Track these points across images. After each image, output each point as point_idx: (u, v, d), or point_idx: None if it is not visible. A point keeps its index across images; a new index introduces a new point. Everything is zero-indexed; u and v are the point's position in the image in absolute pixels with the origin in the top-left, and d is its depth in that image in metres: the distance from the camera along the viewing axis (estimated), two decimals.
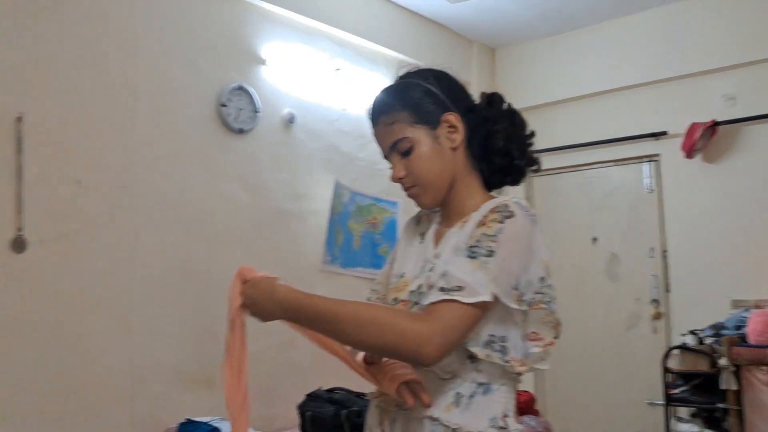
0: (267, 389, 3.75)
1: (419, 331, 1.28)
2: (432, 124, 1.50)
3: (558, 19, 5.37)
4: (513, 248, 1.34)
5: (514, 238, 1.35)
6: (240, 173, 3.82)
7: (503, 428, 1.39)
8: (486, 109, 1.56)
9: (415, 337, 1.27)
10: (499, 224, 1.35)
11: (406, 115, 1.50)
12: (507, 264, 1.33)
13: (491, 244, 1.33)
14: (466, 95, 1.58)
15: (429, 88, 1.52)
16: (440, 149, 1.50)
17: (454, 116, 1.50)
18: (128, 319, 3.23)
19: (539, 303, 1.37)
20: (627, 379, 5.27)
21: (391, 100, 1.53)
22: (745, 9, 4.82)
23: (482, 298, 1.29)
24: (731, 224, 4.87)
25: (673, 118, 5.08)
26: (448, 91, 1.53)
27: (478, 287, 1.30)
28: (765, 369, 3.98)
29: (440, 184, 1.51)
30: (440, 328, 1.28)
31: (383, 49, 4.80)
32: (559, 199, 5.71)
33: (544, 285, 1.38)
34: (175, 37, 3.56)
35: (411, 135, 1.49)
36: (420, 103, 1.50)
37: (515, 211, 1.37)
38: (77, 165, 3.10)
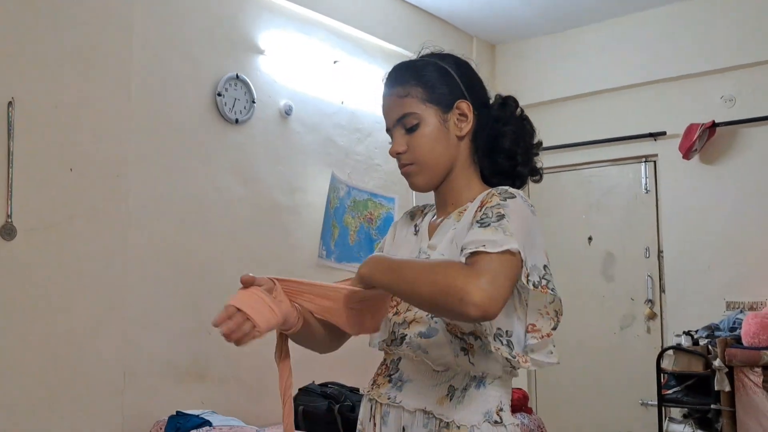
0: (257, 384, 3.72)
1: (459, 275, 1.20)
2: (444, 107, 1.47)
3: (559, 17, 5.35)
4: (519, 224, 1.30)
5: (520, 216, 1.31)
6: (235, 164, 3.78)
7: (498, 422, 1.36)
8: (499, 109, 1.54)
9: (457, 283, 1.19)
10: (501, 200, 1.33)
11: (420, 92, 1.47)
12: (521, 233, 1.28)
13: (500, 211, 1.30)
14: (482, 90, 1.55)
15: (449, 71, 1.50)
16: (446, 133, 1.48)
17: (466, 105, 1.48)
18: (120, 310, 3.19)
19: (545, 287, 1.31)
20: (620, 378, 5.26)
21: (409, 73, 1.50)
22: (746, 11, 4.82)
23: (509, 246, 1.24)
24: (727, 226, 4.87)
25: (671, 118, 5.07)
26: (466, 80, 1.51)
27: (500, 240, 1.25)
28: (758, 371, 3.97)
29: (438, 168, 1.48)
30: (484, 274, 1.20)
31: (382, 43, 4.77)
32: (556, 198, 5.69)
33: (548, 273, 1.34)
34: (172, 24, 3.52)
35: (420, 112, 1.47)
36: (437, 83, 1.48)
37: (515, 194, 1.36)
38: (70, 152, 3.06)
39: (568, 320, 5.11)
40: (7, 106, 2.84)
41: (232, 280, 3.93)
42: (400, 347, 1.46)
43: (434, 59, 1.53)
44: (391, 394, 1.45)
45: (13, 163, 2.83)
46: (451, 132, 1.48)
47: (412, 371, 1.44)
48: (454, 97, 1.48)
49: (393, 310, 1.50)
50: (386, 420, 1.45)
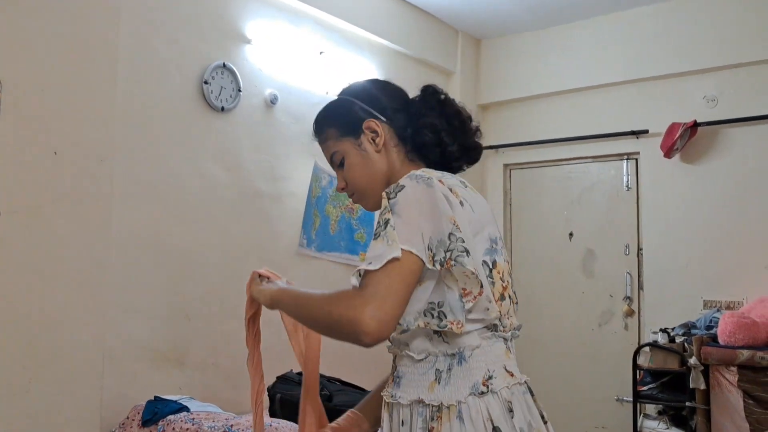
0: (236, 371, 3.73)
1: (349, 306, 1.32)
2: (355, 134, 1.61)
3: (544, 14, 5.37)
4: (413, 212, 1.38)
5: (410, 203, 1.38)
6: (219, 152, 3.79)
7: (484, 393, 1.40)
8: (419, 103, 1.63)
9: (348, 315, 1.31)
10: (391, 199, 1.40)
11: (333, 131, 1.63)
12: (412, 226, 1.36)
13: (387, 216, 1.38)
14: (394, 98, 1.66)
15: (349, 100, 1.64)
16: (366, 155, 1.60)
17: (373, 122, 1.60)
18: (100, 294, 3.19)
19: (449, 260, 1.37)
20: (597, 374, 5.31)
21: (321, 120, 1.69)
22: (729, 12, 4.86)
23: (392, 254, 1.33)
24: (706, 225, 4.92)
25: (654, 116, 5.12)
26: (370, 100, 1.63)
27: (384, 253, 1.34)
28: (734, 370, 4.01)
29: (374, 187, 1.59)
30: (371, 300, 1.31)
31: (368, 35, 4.77)
32: (537, 193, 5.72)
33: (452, 241, 1.38)
34: (159, 10, 3.52)
35: (339, 148, 1.62)
36: (341, 117, 1.63)
37: (405, 183, 1.41)
38: (55, 135, 3.04)
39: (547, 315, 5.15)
40: None
41: (213, 266, 3.97)
42: (391, 346, 1.54)
43: (339, 95, 1.69)
44: (393, 392, 1.51)
45: None
46: (369, 152, 1.60)
47: (403, 366, 1.50)
48: (360, 121, 1.60)
49: None
50: (392, 417, 1.51)
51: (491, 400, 1.40)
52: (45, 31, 3.03)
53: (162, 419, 3.02)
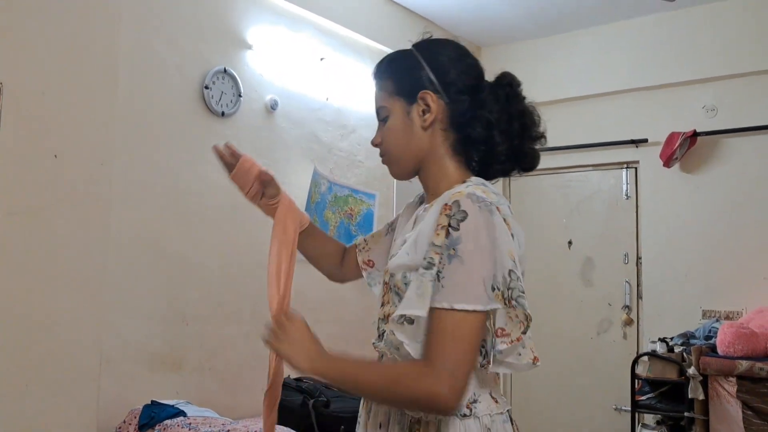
0: (233, 376, 3.73)
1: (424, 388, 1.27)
2: (409, 98, 1.49)
3: (545, 22, 5.38)
4: (474, 251, 1.29)
5: (473, 239, 1.30)
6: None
7: (467, 416, 1.37)
8: (488, 91, 1.50)
9: (426, 395, 1.27)
10: (455, 232, 1.30)
11: (390, 84, 1.52)
12: (475, 275, 1.29)
13: (433, 256, 1.32)
14: (466, 76, 1.50)
15: (418, 62, 1.50)
16: (411, 125, 1.49)
17: (430, 96, 1.46)
18: (99, 297, 3.18)
19: (511, 300, 1.32)
20: (595, 383, 5.30)
21: (384, 66, 1.56)
22: (730, 22, 4.87)
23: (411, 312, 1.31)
24: (705, 235, 4.92)
25: (653, 126, 5.13)
26: (441, 67, 1.48)
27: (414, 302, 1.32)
28: (733, 380, 4.00)
29: (405, 159, 1.51)
30: (443, 371, 1.27)
31: (369, 41, 4.78)
32: (536, 201, 5.72)
33: (513, 279, 1.32)
34: (161, 15, 3.52)
35: (389, 105, 1.51)
36: (403, 75, 1.50)
37: (468, 209, 1.31)
38: (55, 138, 3.04)
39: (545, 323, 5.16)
40: None
41: (212, 270, 3.96)
42: (380, 344, 1.48)
43: (414, 48, 1.54)
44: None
45: None
46: (415, 123, 1.48)
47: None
48: (418, 88, 1.48)
49: (379, 302, 1.54)
50: (370, 416, 1.48)
51: (471, 423, 1.36)
52: (46, 34, 3.03)
53: (159, 423, 3.01)
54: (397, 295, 1.42)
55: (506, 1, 4.95)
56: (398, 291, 1.42)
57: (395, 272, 1.43)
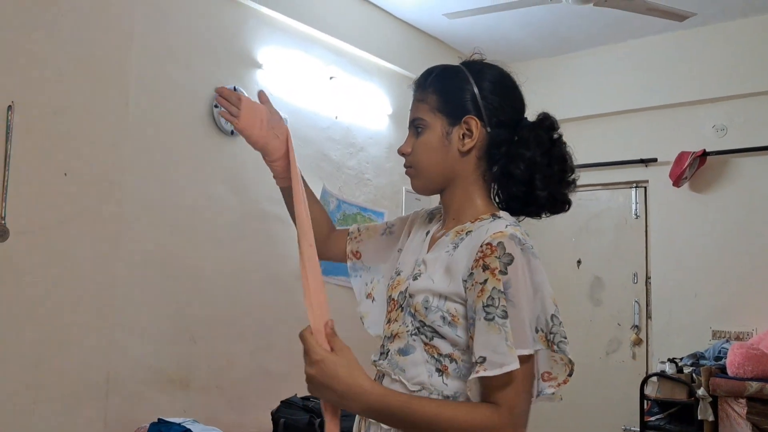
0: (240, 395, 3.73)
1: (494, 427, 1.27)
2: (452, 119, 1.47)
3: (554, 41, 5.40)
4: (524, 299, 1.30)
5: (520, 283, 1.30)
6: (228, 175, 3.80)
7: None
8: (528, 129, 1.49)
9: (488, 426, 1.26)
10: (504, 276, 1.29)
11: (435, 99, 1.48)
12: (524, 319, 1.30)
13: (504, 303, 1.29)
14: (510, 108, 1.50)
15: (470, 83, 1.48)
16: (448, 146, 1.47)
17: (475, 122, 1.45)
18: (107, 315, 3.20)
19: (552, 344, 1.33)
20: (604, 403, 5.27)
21: (431, 79, 1.51)
22: (739, 42, 4.88)
23: (509, 369, 1.26)
24: (715, 255, 4.90)
25: (663, 145, 5.12)
26: (489, 95, 1.48)
27: (506, 358, 1.26)
28: (743, 402, 3.98)
29: (433, 176, 1.49)
30: (516, 423, 1.28)
31: (378, 60, 4.81)
32: (545, 220, 5.66)
33: (555, 324, 1.34)
34: (172, 35, 3.55)
35: (429, 120, 1.48)
36: (451, 94, 1.48)
37: (512, 251, 1.31)
38: (66, 157, 3.08)
39: None
40: (6, 110, 2.86)
41: (220, 288, 3.96)
42: (383, 363, 1.47)
43: (465, 69, 1.51)
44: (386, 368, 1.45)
45: (9, 165, 2.85)
46: (453, 145, 1.46)
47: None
48: (464, 111, 1.46)
49: (385, 318, 1.53)
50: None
51: None
52: (58, 53, 3.07)
53: None
54: (412, 316, 1.41)
55: (516, 21, 4.97)
56: (415, 313, 1.41)
57: (415, 294, 1.42)
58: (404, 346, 1.42)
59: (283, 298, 3.92)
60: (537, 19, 4.95)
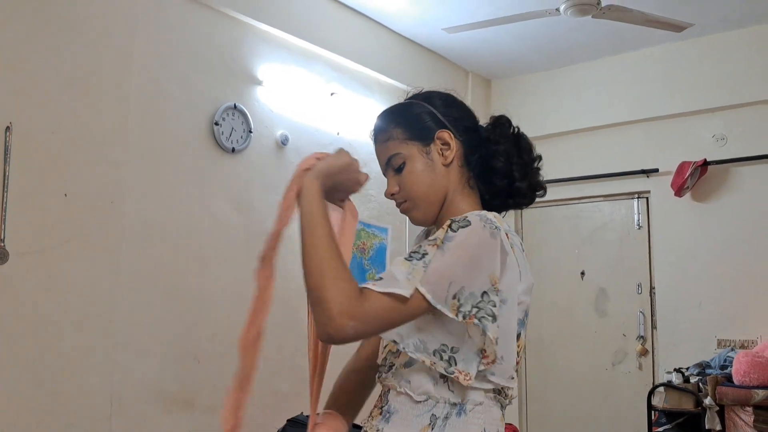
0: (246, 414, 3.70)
1: (342, 303, 1.27)
2: (425, 141, 1.52)
3: (554, 54, 5.41)
4: (458, 255, 1.32)
5: (462, 246, 1.32)
6: (230, 193, 3.80)
7: None
8: (490, 130, 1.57)
9: (334, 308, 1.27)
10: (450, 232, 1.34)
11: (400, 132, 1.53)
12: (447, 270, 1.31)
13: (428, 248, 1.33)
14: (466, 116, 1.59)
15: (425, 107, 1.55)
16: (432, 165, 1.51)
17: (447, 133, 1.52)
18: (110, 336, 3.19)
19: (473, 316, 1.31)
20: (611, 414, 5.24)
21: (389, 117, 1.58)
22: (738, 52, 4.89)
23: (396, 290, 1.28)
24: (718, 264, 4.89)
25: (664, 155, 5.12)
26: (445, 110, 1.55)
27: (399, 282, 1.29)
28: (749, 410, 3.96)
29: (431, 200, 1.52)
30: (359, 313, 1.27)
31: (379, 76, 4.82)
32: (549, 232, 5.71)
33: (484, 300, 1.32)
34: (171, 52, 3.55)
35: (403, 151, 1.52)
36: (414, 120, 1.54)
37: (473, 221, 1.35)
38: (65, 177, 3.07)
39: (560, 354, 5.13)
40: (4, 130, 2.85)
41: (223, 308, 3.95)
42: (387, 377, 1.47)
43: (411, 99, 1.60)
44: (380, 426, 1.45)
45: (8, 186, 2.84)
46: (436, 163, 1.51)
47: (397, 402, 1.43)
48: (432, 129, 1.52)
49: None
50: None
51: None
52: (56, 72, 3.07)
53: None
54: None
55: (515, 35, 4.97)
56: None
57: None
58: (409, 359, 1.41)
59: (287, 316, 3.90)
60: (535, 33, 4.95)
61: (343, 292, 1.28)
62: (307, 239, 1.38)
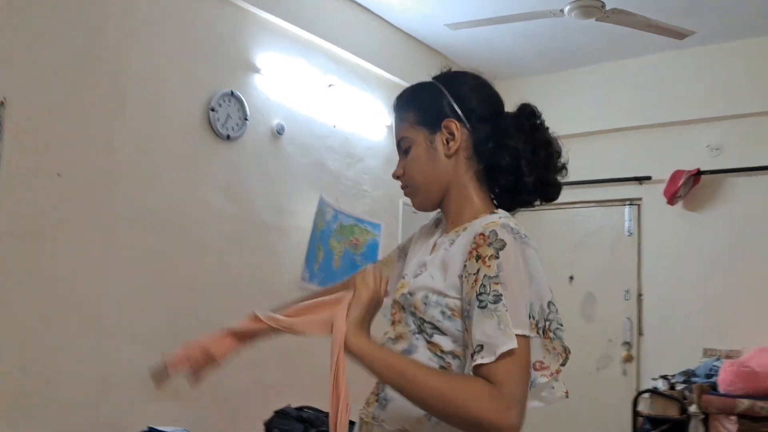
0: (233, 405, 3.67)
1: (490, 409, 1.21)
2: (432, 128, 1.49)
3: (553, 57, 5.42)
4: (517, 280, 1.29)
5: (514, 268, 1.29)
6: (224, 181, 3.76)
7: None
8: (510, 120, 1.50)
9: (490, 418, 1.21)
10: (495, 260, 1.29)
11: (412, 115, 1.52)
12: (519, 300, 1.28)
13: (496, 288, 1.27)
14: (487, 104, 1.53)
15: (441, 91, 1.51)
16: (435, 154, 1.49)
17: (454, 124, 1.47)
18: (99, 321, 3.14)
19: (549, 331, 1.32)
20: (596, 419, 5.26)
21: (405, 98, 1.56)
22: (735, 63, 4.93)
23: (505, 348, 1.23)
24: (707, 273, 4.92)
25: (657, 163, 5.14)
26: (462, 96, 1.50)
27: (499, 341, 1.24)
28: (734, 419, 4.00)
29: (429, 189, 1.51)
30: (509, 401, 1.22)
31: (377, 70, 4.79)
32: (539, 235, 5.68)
33: (552, 311, 1.34)
34: (170, 37, 3.51)
35: (412, 136, 1.51)
36: (426, 105, 1.51)
37: (506, 239, 1.31)
38: (59, 157, 3.02)
39: None
40: None
41: (214, 297, 3.91)
42: None
43: (434, 80, 1.56)
44: (376, 413, 1.45)
45: (0, 165, 2.78)
46: (439, 152, 1.49)
47: (394, 392, 1.40)
48: (441, 116, 1.49)
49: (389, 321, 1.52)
50: None
51: None
52: (54, 50, 3.02)
53: None
54: (413, 315, 1.42)
55: (516, 34, 4.96)
56: (415, 311, 1.41)
57: (415, 292, 1.42)
58: (408, 347, 1.41)
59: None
60: (537, 34, 4.95)
61: (476, 398, 1.22)
62: (408, 391, 1.29)
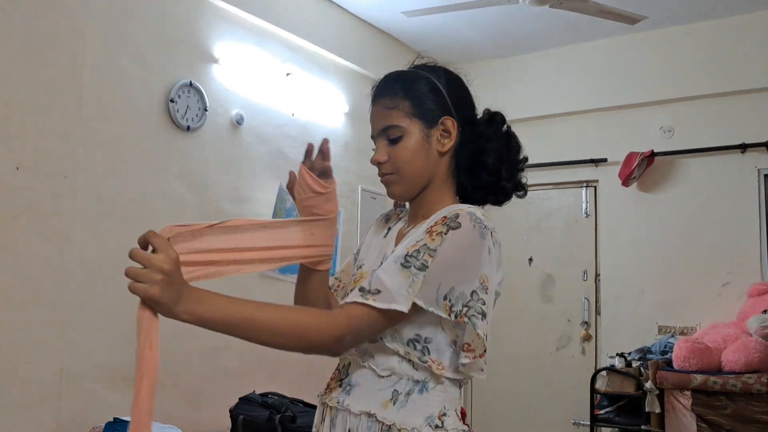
0: (197, 393, 3.69)
1: (331, 330, 1.33)
2: (429, 122, 1.51)
3: (506, 43, 5.47)
4: (449, 258, 1.36)
5: (453, 248, 1.36)
6: (184, 171, 3.76)
7: (439, 427, 1.40)
8: (485, 125, 1.56)
9: (327, 336, 1.33)
10: (442, 236, 1.36)
11: (408, 105, 1.50)
12: (438, 275, 1.35)
13: (428, 259, 1.35)
14: (470, 107, 1.59)
15: (438, 87, 1.53)
16: (428, 148, 1.51)
17: (451, 122, 1.51)
18: (60, 313, 3.14)
19: (463, 316, 1.36)
20: (555, 397, 5.36)
21: (399, 85, 1.53)
22: (685, 47, 5.02)
23: (396, 307, 1.33)
24: (661, 252, 5.03)
25: (613, 146, 5.23)
26: (455, 96, 1.54)
27: (397, 296, 1.33)
28: (688, 394, 4.09)
29: (416, 180, 1.52)
30: (350, 329, 1.34)
31: (335, 57, 4.81)
32: (498, 219, 5.67)
33: (473, 299, 1.37)
34: (126, 27, 3.50)
35: (405, 125, 1.50)
36: (424, 98, 1.51)
37: (463, 222, 1.38)
38: (17, 151, 3.00)
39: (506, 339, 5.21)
40: None
41: None
42: (350, 351, 1.48)
43: (425, 72, 1.55)
44: (341, 398, 1.47)
45: None
46: (433, 147, 1.51)
47: (359, 376, 1.46)
48: (440, 113, 1.51)
49: None
50: (335, 423, 1.47)
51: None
52: (10, 44, 3.00)
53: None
54: None
55: (468, 22, 5.01)
56: None
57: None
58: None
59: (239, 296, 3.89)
60: (490, 20, 5.01)
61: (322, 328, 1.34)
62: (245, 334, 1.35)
